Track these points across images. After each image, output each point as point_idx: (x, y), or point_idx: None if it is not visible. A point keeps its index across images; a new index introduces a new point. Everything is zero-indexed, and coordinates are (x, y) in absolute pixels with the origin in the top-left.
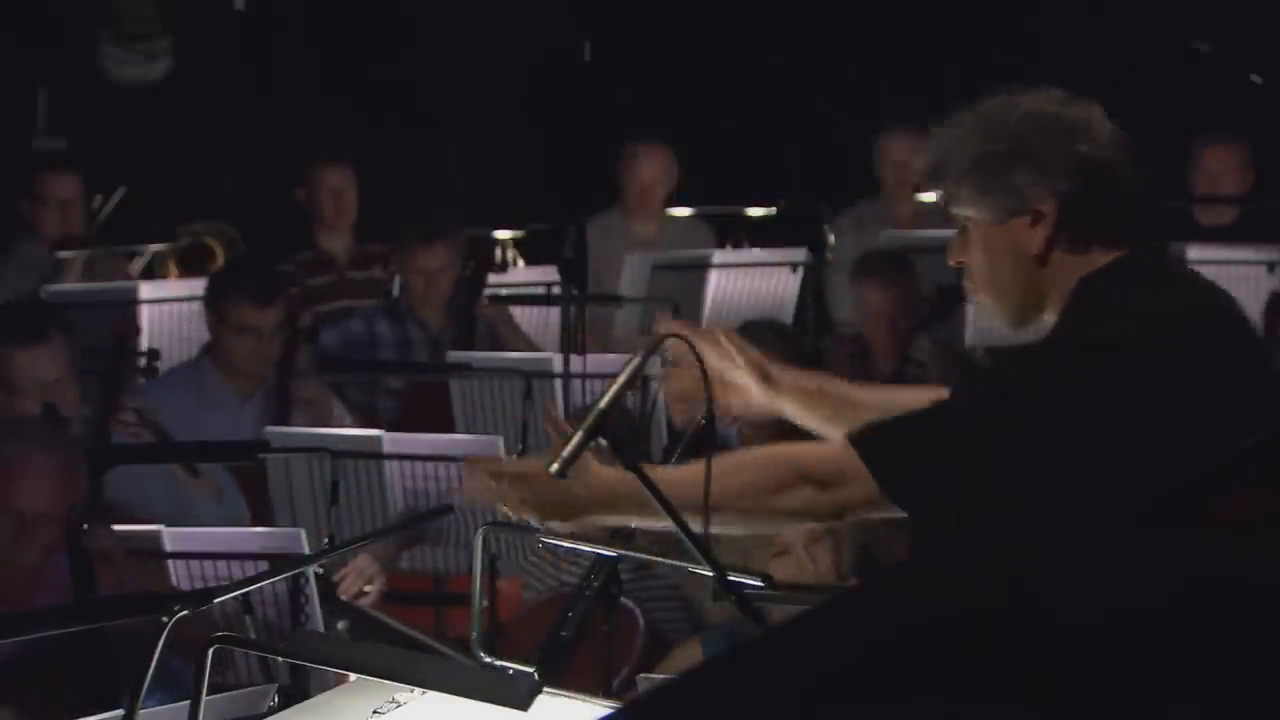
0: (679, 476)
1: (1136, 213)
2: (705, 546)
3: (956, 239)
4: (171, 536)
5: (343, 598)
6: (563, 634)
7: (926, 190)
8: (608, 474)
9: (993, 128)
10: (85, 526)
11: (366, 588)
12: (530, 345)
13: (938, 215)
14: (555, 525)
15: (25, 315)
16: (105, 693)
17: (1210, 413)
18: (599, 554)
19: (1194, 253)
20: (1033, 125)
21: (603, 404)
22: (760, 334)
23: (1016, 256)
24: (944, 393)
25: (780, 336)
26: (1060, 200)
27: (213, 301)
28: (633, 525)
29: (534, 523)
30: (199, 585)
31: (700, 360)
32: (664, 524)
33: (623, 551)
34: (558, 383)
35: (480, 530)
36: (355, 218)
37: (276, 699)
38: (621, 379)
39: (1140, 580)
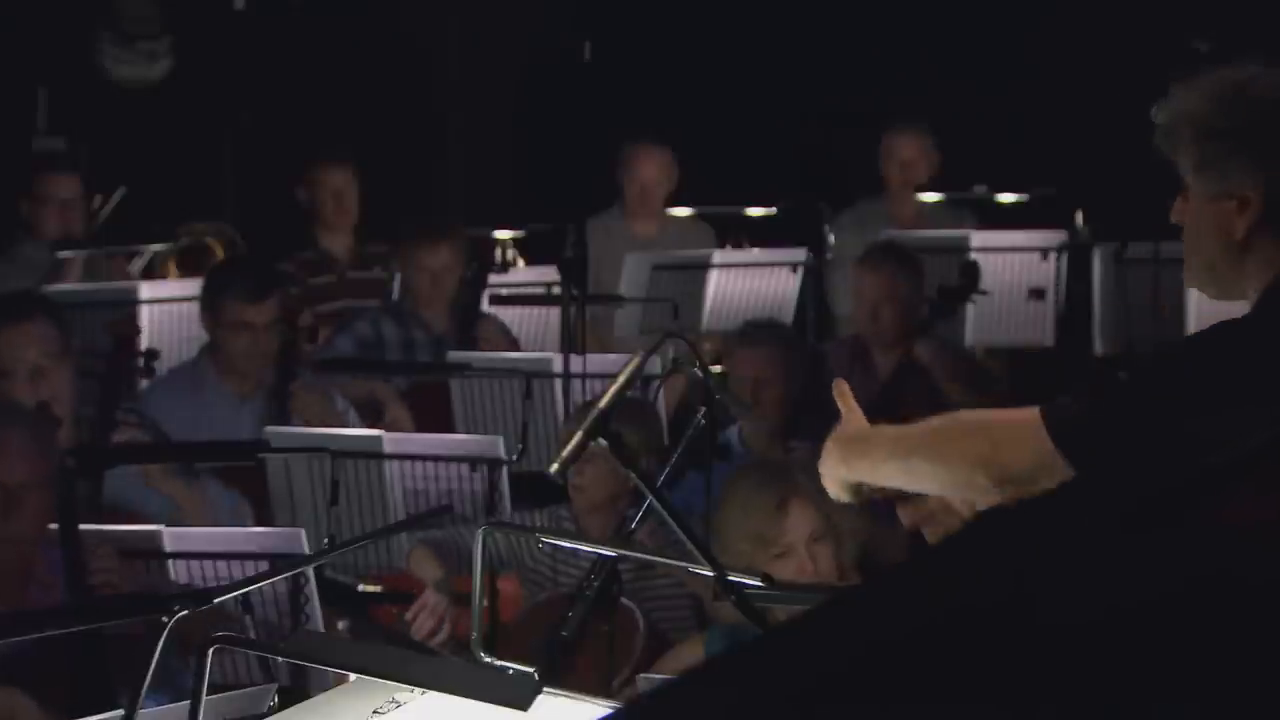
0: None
1: None
2: (705, 546)
3: (1180, 201)
4: (171, 536)
5: (416, 637)
6: (563, 634)
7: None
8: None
9: (1222, 102)
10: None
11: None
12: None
13: (939, 215)
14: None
15: (10, 298)
16: (102, 693)
17: None
18: (599, 554)
19: None
20: (1259, 110)
21: (603, 404)
22: (760, 334)
23: (1220, 235)
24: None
25: (780, 337)
26: (1270, 193)
27: (208, 301)
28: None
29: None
30: (199, 585)
31: (701, 361)
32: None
33: (623, 551)
34: (558, 383)
35: (480, 530)
36: (356, 218)
37: (276, 699)
38: (621, 379)
39: (1140, 580)
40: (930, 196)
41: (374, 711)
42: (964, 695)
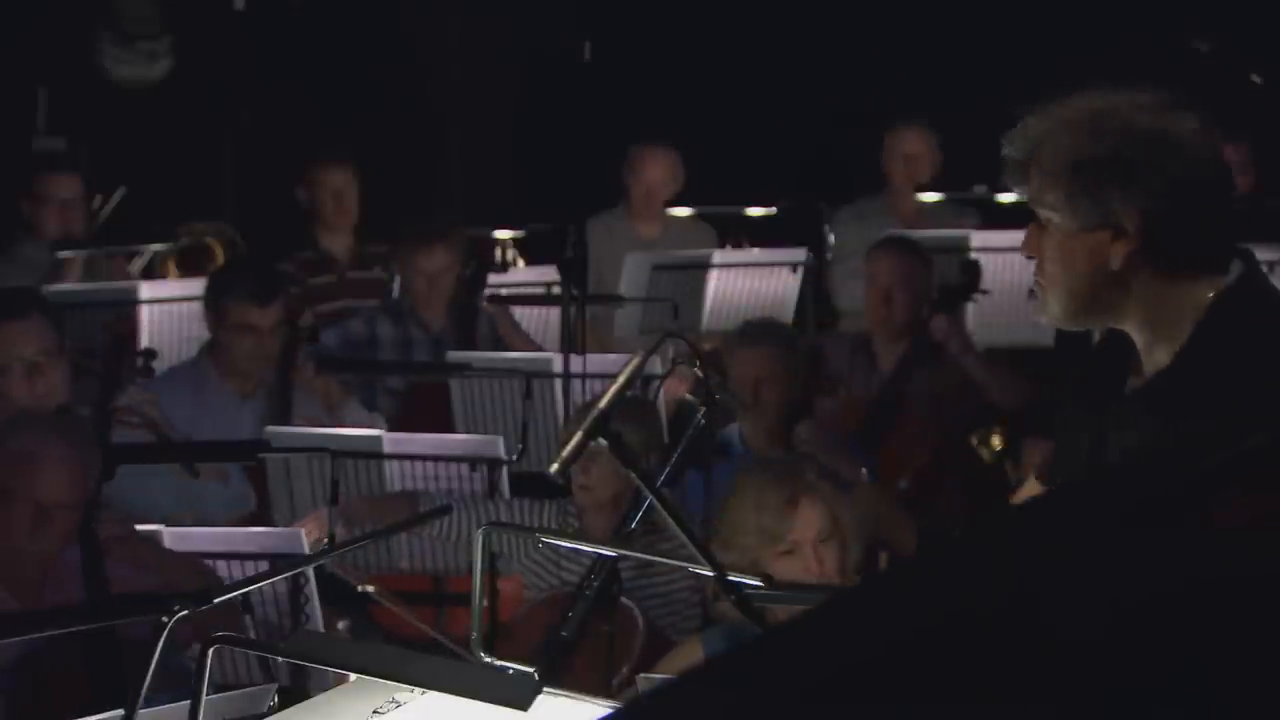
0: None
1: (1225, 234)
2: (705, 546)
3: (1033, 233)
4: (172, 536)
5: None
6: (563, 634)
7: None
8: None
9: (1091, 132)
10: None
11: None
12: (530, 344)
13: (940, 214)
14: None
15: (6, 295)
16: (117, 691)
17: None
18: (599, 554)
19: None
20: (1132, 137)
21: (603, 404)
22: (760, 334)
23: (1093, 267)
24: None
25: (779, 337)
26: (1146, 219)
27: (212, 301)
28: None
29: None
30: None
31: (701, 361)
32: None
33: (623, 551)
34: (558, 383)
35: (480, 530)
36: (356, 218)
37: (276, 699)
38: (621, 379)
39: (1140, 580)
40: (930, 196)
41: (374, 711)
42: (963, 695)
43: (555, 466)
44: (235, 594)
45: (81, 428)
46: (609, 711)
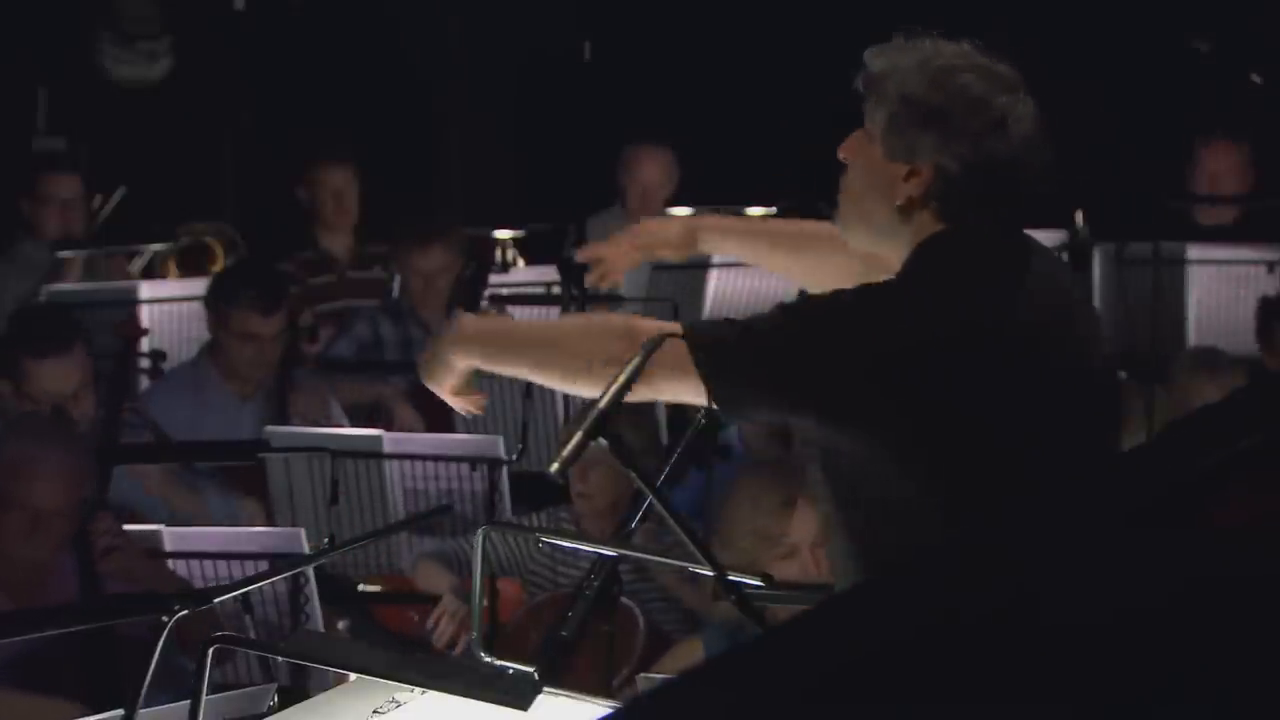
0: None
1: (1012, 214)
2: (705, 546)
3: (856, 138)
4: (171, 536)
5: (437, 645)
6: (563, 634)
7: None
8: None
9: (932, 79)
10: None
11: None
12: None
13: None
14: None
15: (46, 326)
16: (113, 691)
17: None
18: (599, 554)
19: (1194, 252)
20: (962, 100)
21: (603, 404)
22: None
23: (883, 193)
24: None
25: None
26: (939, 174)
27: (215, 304)
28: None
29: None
30: (199, 585)
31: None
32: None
33: (623, 551)
34: None
35: (480, 530)
36: (356, 218)
37: (276, 699)
38: (621, 379)
39: (1140, 580)
40: None
41: (374, 711)
42: (963, 695)
43: (555, 466)
44: (235, 594)
45: (75, 435)
46: (609, 711)
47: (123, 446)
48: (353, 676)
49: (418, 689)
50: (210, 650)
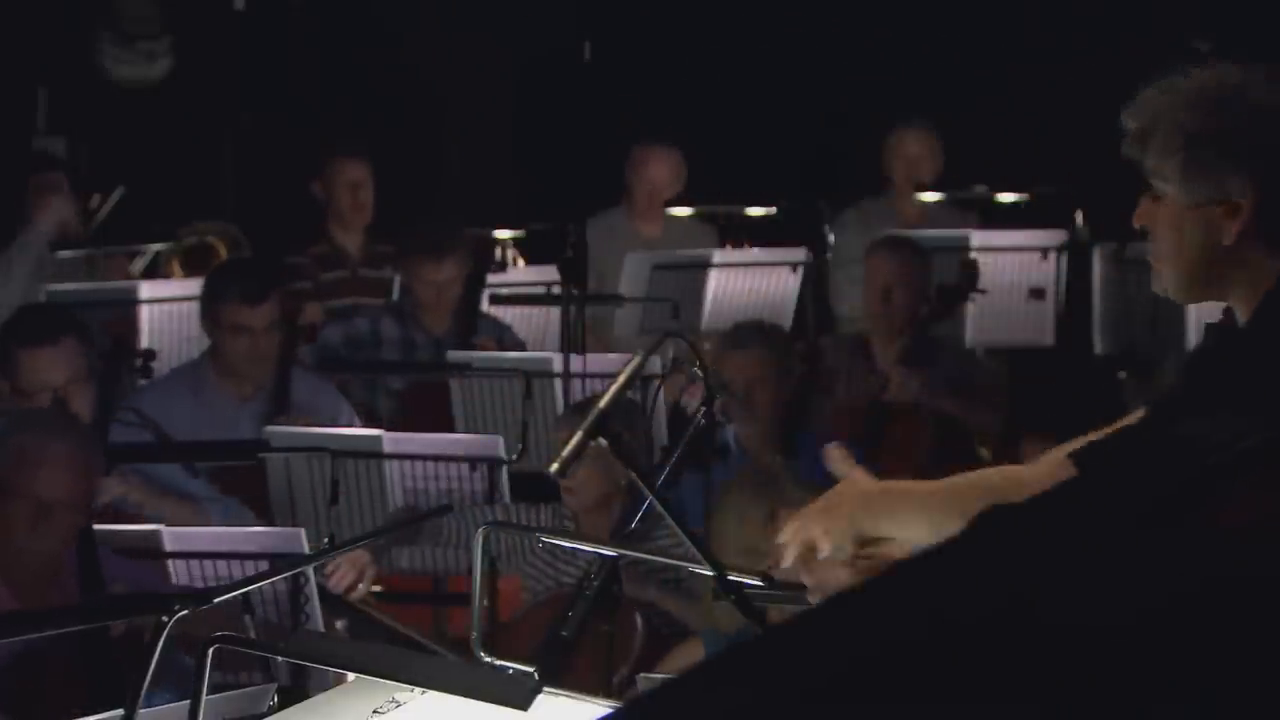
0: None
1: None
2: (705, 546)
3: (1146, 204)
4: (171, 536)
5: (334, 591)
6: (563, 634)
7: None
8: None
9: (1208, 107)
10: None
11: (360, 584)
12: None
13: (942, 214)
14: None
15: (37, 317)
16: (112, 691)
17: None
18: (599, 554)
19: None
20: (1249, 113)
21: (603, 404)
22: (749, 337)
23: (1206, 241)
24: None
25: (769, 339)
26: (1259, 195)
27: (207, 304)
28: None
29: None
30: (199, 585)
31: (701, 361)
32: None
33: (623, 551)
34: (558, 382)
35: (480, 530)
36: (371, 215)
37: (276, 699)
38: (621, 379)
39: (1141, 581)
40: (931, 196)
41: (374, 711)
42: (963, 695)
43: (555, 466)
44: (235, 594)
45: (80, 425)
46: (609, 711)
47: (121, 446)
48: (352, 676)
49: (418, 689)
50: (210, 650)
